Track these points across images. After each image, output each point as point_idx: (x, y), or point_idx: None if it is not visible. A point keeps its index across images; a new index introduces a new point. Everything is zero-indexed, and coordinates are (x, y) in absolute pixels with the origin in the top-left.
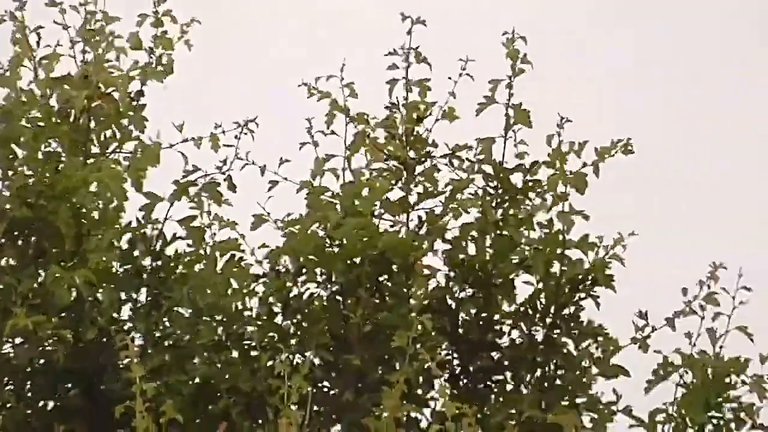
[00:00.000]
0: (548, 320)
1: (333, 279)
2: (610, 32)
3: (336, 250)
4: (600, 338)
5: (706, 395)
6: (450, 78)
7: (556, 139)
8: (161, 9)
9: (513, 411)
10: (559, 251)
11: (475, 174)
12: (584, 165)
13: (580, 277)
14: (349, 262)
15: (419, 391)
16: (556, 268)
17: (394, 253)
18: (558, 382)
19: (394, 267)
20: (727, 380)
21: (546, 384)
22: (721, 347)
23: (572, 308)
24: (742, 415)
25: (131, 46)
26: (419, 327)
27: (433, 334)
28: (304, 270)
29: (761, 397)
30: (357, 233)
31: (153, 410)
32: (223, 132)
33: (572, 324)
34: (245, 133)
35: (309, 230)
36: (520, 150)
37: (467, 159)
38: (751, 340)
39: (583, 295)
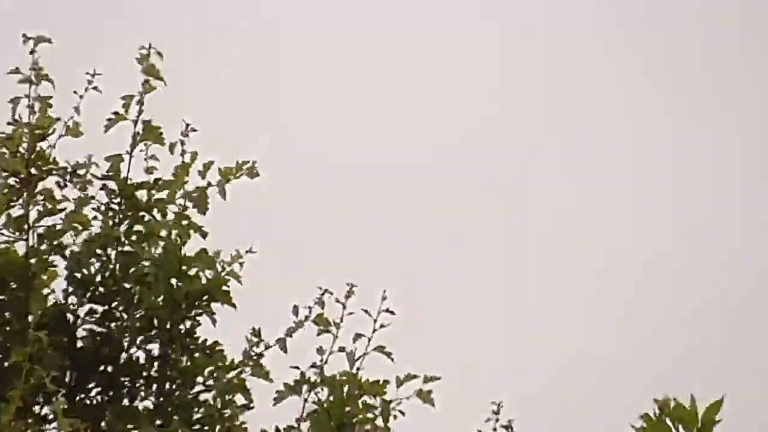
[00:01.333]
0: (166, 336)
1: None
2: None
3: None
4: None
5: (337, 415)
6: (75, 92)
7: (179, 148)
8: None
9: (130, 426)
10: (180, 267)
11: (98, 191)
12: (209, 185)
13: (197, 293)
14: None
15: (36, 408)
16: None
17: (5, 270)
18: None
19: (12, 284)
20: (362, 402)
21: (162, 399)
22: (358, 369)
23: (189, 324)
24: None
25: None
26: (36, 344)
27: (50, 351)
28: None
29: (385, 420)
30: None
31: None
32: None
33: (188, 340)
34: None
35: None
36: (149, 165)
37: (92, 175)
38: (391, 359)
39: (200, 311)
